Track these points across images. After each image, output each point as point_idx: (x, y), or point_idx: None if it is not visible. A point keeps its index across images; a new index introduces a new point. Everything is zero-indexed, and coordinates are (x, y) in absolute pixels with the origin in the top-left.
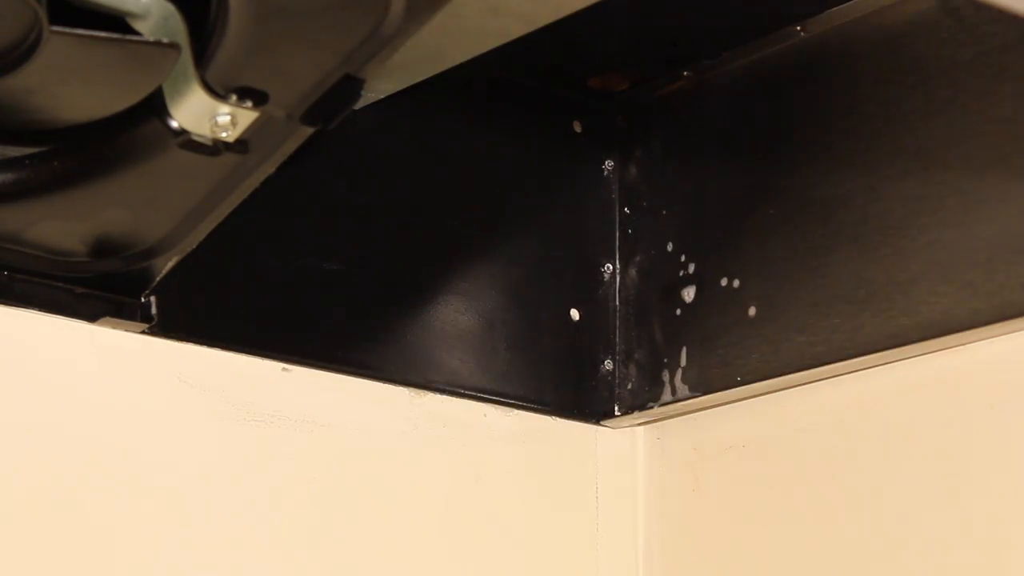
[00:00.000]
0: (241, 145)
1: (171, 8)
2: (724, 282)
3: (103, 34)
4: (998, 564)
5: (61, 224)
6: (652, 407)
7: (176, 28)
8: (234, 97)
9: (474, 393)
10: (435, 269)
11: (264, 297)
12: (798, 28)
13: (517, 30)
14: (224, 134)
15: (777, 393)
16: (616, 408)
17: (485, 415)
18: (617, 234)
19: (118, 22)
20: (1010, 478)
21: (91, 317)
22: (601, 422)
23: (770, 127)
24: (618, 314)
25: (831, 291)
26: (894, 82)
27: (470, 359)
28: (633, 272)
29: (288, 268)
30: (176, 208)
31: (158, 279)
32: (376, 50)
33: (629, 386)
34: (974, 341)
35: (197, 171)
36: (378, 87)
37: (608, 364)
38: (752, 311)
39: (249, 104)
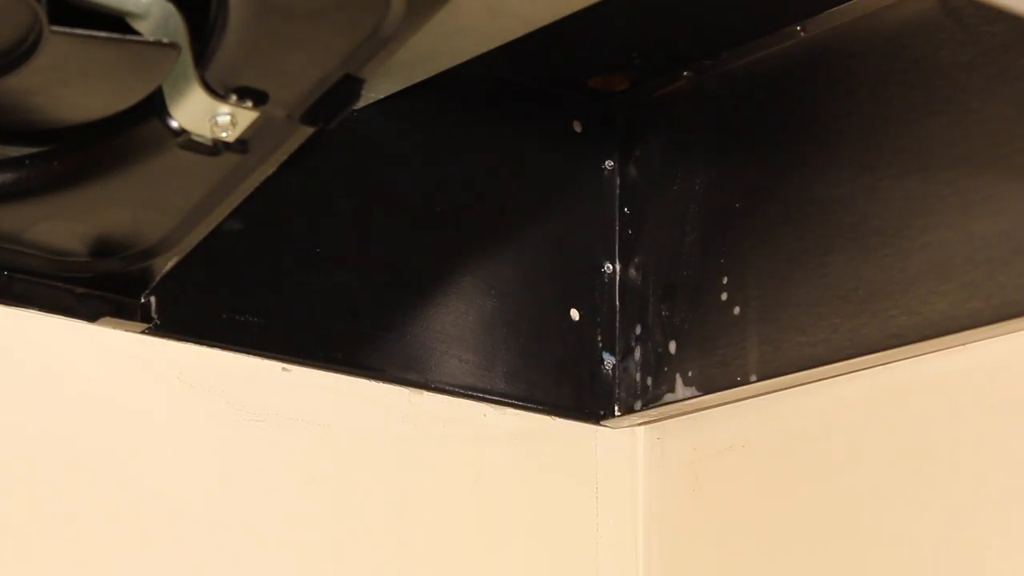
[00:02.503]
0: (241, 145)
1: (171, 8)
2: (724, 282)
3: (103, 34)
4: (998, 563)
5: (61, 224)
6: (652, 407)
7: (176, 28)
8: (234, 97)
9: (474, 393)
10: (435, 269)
11: (264, 297)
12: (798, 28)
13: (517, 30)
14: (224, 134)
15: (777, 393)
16: (616, 408)
17: (485, 415)
18: (617, 234)
19: (118, 22)
20: (1010, 478)
21: (91, 317)
22: (601, 422)
23: (769, 127)
24: (618, 314)
25: (831, 291)
26: (894, 82)
27: (470, 359)
28: (633, 272)
29: (288, 268)
30: (176, 208)
31: (158, 279)
32: (376, 50)
33: (629, 386)
34: (974, 341)
35: (197, 171)
36: (378, 87)
37: (608, 364)
38: (752, 311)
39: (249, 104)
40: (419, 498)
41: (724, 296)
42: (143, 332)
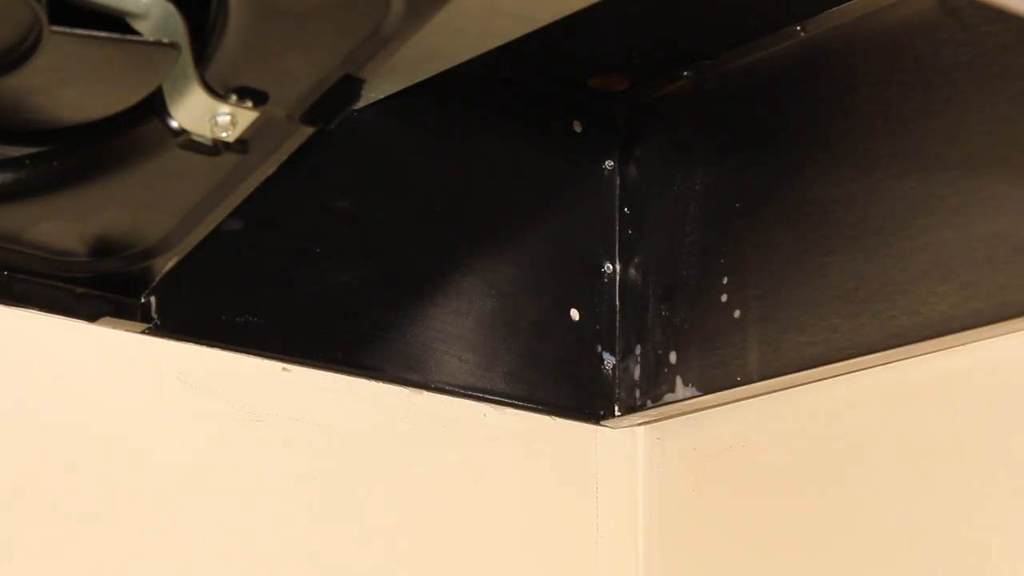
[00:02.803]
0: (241, 145)
1: (171, 8)
2: (724, 282)
3: (103, 34)
4: (998, 564)
5: (61, 224)
6: (652, 407)
7: (176, 28)
8: (234, 97)
9: (474, 393)
10: (435, 269)
11: (264, 297)
12: (798, 28)
13: (517, 30)
14: (224, 134)
15: (777, 393)
16: (616, 408)
17: (485, 415)
18: (617, 234)
19: (118, 22)
20: (1010, 478)
21: (91, 317)
22: (601, 422)
23: (770, 127)
24: (618, 314)
25: (831, 291)
26: (894, 82)
27: (470, 359)
28: (633, 272)
29: (288, 268)
30: (176, 208)
31: (158, 279)
32: (376, 50)
33: (629, 386)
34: (974, 341)
35: (197, 171)
36: (378, 87)
37: (608, 364)
38: (752, 311)
39: (249, 104)
40: (419, 498)
41: (724, 296)
42: (143, 332)
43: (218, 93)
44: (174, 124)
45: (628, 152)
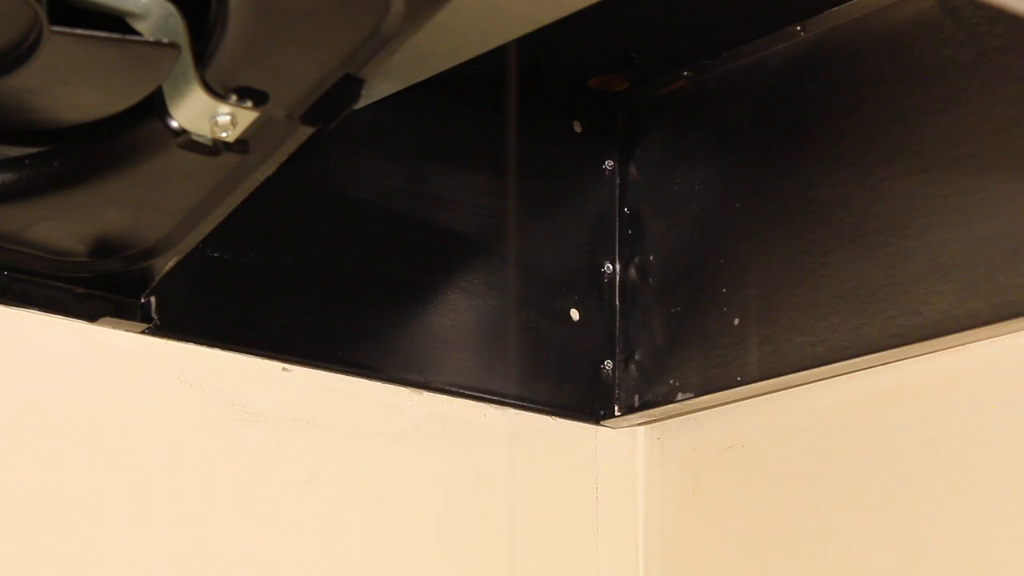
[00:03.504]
0: (241, 145)
1: (171, 8)
2: (724, 282)
3: (103, 34)
4: (998, 563)
5: (61, 224)
6: (652, 407)
7: (176, 28)
8: (234, 97)
9: (474, 393)
10: (435, 269)
11: (264, 297)
12: (798, 28)
13: (517, 30)
14: (224, 134)
15: (777, 393)
16: (616, 408)
17: (485, 415)
18: (617, 234)
19: (118, 22)
20: (1010, 478)
21: (91, 317)
22: (601, 422)
23: (770, 127)
24: (618, 314)
25: (831, 291)
26: (894, 82)
27: (470, 359)
28: (633, 272)
29: (288, 268)
30: (176, 208)
31: (158, 279)
32: (376, 50)
33: (629, 386)
34: (974, 341)
35: (197, 171)
36: (378, 87)
37: (608, 364)
38: (752, 311)
39: (249, 104)
40: (419, 498)
41: (724, 296)
42: (143, 332)
43: (218, 93)
44: (174, 124)
45: (628, 152)
